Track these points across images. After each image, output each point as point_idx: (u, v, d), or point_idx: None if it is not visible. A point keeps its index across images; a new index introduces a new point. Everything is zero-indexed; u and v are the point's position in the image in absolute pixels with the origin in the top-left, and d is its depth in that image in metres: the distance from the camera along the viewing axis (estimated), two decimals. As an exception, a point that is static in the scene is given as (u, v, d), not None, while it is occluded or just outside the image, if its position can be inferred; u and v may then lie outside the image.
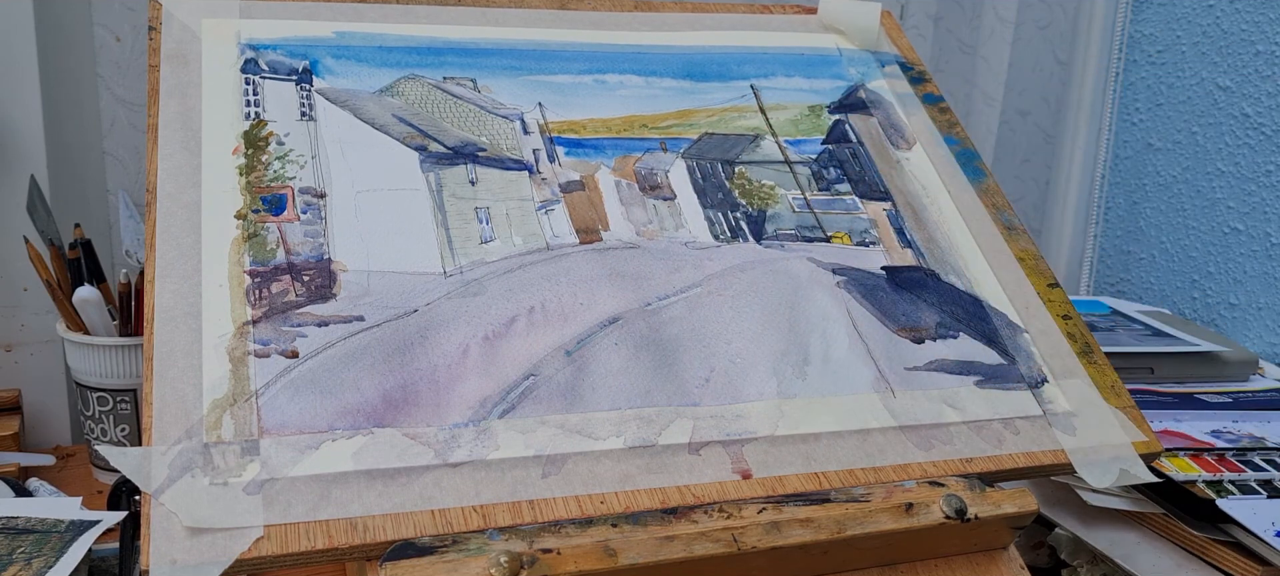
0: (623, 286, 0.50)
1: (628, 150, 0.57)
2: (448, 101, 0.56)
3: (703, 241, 0.54)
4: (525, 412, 0.44)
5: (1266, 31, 0.92)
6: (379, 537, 0.39)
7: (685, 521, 0.42)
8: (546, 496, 0.41)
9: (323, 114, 0.53)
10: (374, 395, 0.43)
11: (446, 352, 0.45)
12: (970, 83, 1.10)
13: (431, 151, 0.53)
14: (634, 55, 0.63)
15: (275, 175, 0.50)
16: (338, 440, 0.41)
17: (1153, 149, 1.05)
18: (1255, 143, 0.94)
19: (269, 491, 0.39)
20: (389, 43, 0.58)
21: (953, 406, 0.49)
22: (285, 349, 0.43)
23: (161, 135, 0.50)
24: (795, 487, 0.44)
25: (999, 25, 1.07)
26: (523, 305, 0.48)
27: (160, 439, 0.40)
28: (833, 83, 0.65)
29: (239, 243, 0.47)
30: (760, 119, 0.61)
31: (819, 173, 0.59)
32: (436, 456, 0.41)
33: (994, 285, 0.56)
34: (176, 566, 0.36)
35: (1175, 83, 1.02)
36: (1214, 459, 0.64)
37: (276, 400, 0.42)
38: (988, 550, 0.48)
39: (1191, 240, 1.00)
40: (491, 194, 0.52)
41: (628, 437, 0.44)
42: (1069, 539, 0.64)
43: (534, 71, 0.59)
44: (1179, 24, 1.01)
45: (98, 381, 0.72)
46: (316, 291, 0.46)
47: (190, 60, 0.54)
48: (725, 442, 0.45)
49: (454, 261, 0.49)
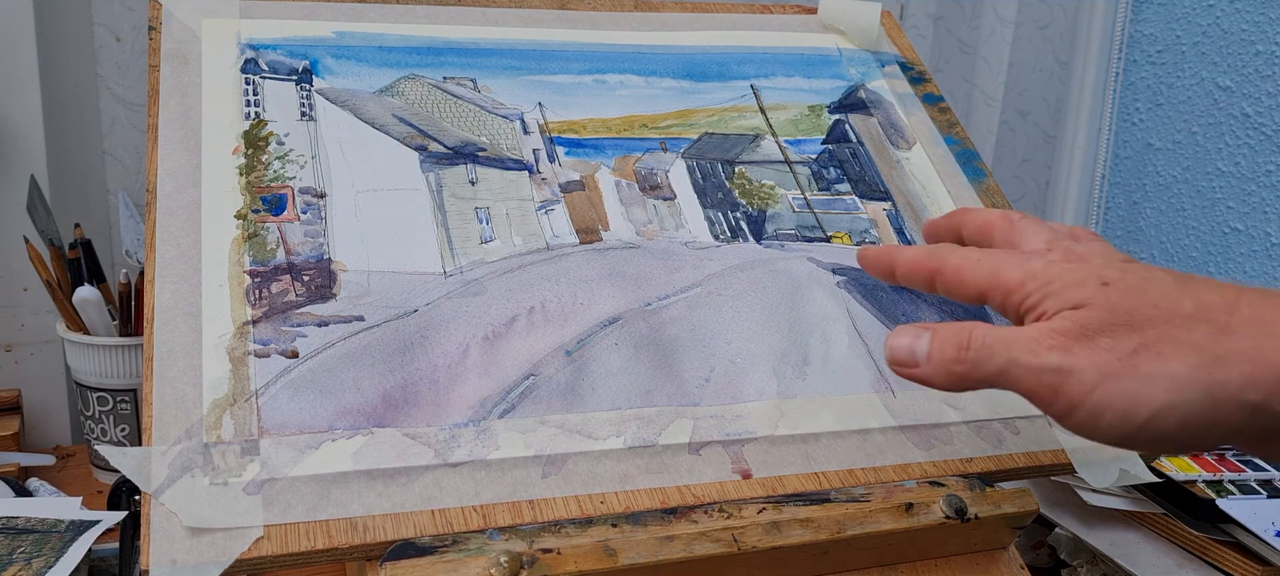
0: (623, 286, 0.50)
1: (628, 150, 0.57)
2: (448, 101, 0.56)
3: (703, 241, 0.54)
4: (525, 412, 0.44)
5: (1266, 31, 0.92)
6: (379, 537, 0.39)
7: (685, 521, 0.42)
8: (546, 496, 0.41)
9: (323, 114, 0.53)
10: (374, 395, 0.43)
11: (446, 352, 0.45)
12: (970, 83, 1.10)
13: (431, 151, 0.53)
14: (634, 55, 0.63)
15: (275, 175, 0.50)
16: (338, 440, 0.41)
17: (1153, 149, 1.05)
18: (1255, 143, 0.94)
19: (269, 491, 0.39)
20: (389, 43, 0.58)
21: (953, 406, 0.49)
22: (285, 349, 0.43)
23: (161, 135, 0.50)
24: (795, 487, 0.44)
25: (999, 25, 1.07)
26: (523, 305, 0.48)
27: (160, 439, 0.40)
28: (833, 82, 0.65)
29: (239, 243, 0.47)
30: (760, 119, 0.61)
31: (819, 172, 0.59)
32: (436, 456, 0.41)
33: (994, 285, 0.56)
34: (176, 566, 0.36)
35: (1175, 83, 1.02)
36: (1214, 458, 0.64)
37: (276, 400, 0.42)
38: (988, 550, 0.48)
39: (1191, 240, 1.00)
40: (491, 194, 0.52)
41: (628, 437, 0.44)
42: (1069, 539, 0.64)
43: (534, 71, 0.59)
44: (1179, 24, 1.01)
45: (98, 381, 0.72)
46: (316, 291, 0.46)
47: (190, 60, 0.54)
48: (725, 442, 0.45)
49: (454, 261, 0.49)
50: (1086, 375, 0.34)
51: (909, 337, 0.39)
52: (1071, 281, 0.36)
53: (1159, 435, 0.34)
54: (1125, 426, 0.34)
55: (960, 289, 0.39)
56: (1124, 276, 0.35)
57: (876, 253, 0.44)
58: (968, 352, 0.37)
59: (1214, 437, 0.34)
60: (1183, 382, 0.33)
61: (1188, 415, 0.33)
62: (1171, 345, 0.33)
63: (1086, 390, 0.34)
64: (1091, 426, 0.35)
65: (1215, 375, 0.33)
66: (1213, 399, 0.33)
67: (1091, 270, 0.36)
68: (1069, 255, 0.38)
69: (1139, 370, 0.33)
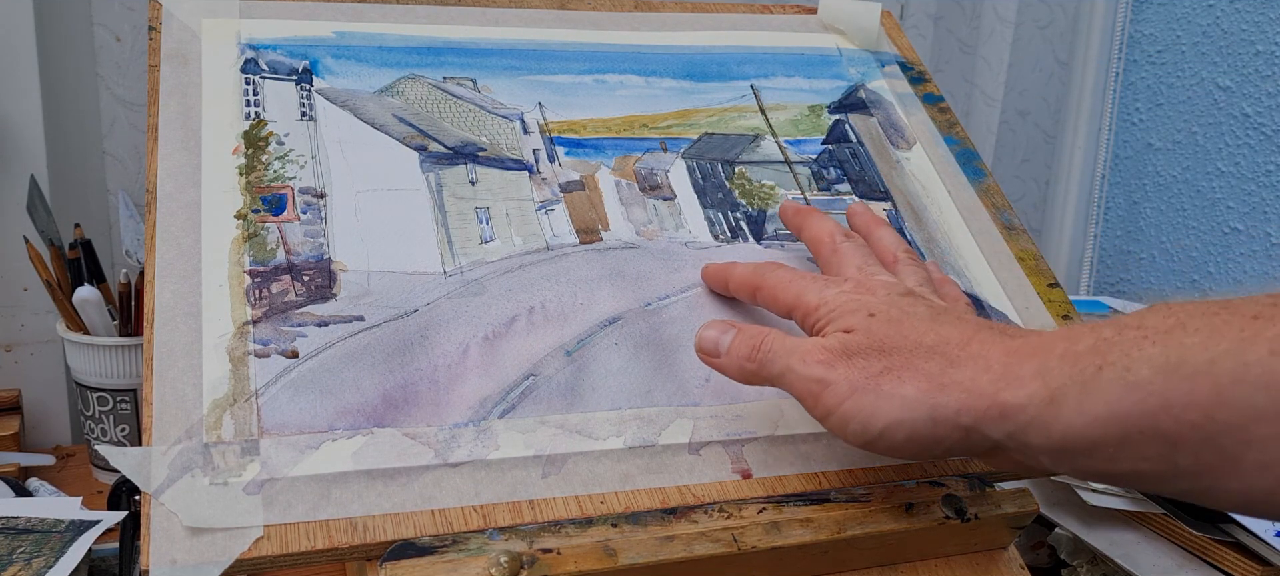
0: (623, 286, 0.50)
1: (628, 150, 0.57)
2: (448, 101, 0.56)
3: (703, 241, 0.54)
4: (525, 412, 0.44)
5: (1266, 31, 0.92)
6: (379, 537, 0.39)
7: (685, 521, 0.42)
8: (546, 496, 0.41)
9: (323, 114, 0.53)
10: (374, 395, 0.43)
11: (446, 352, 0.45)
12: (970, 83, 1.11)
13: (431, 151, 0.53)
14: (634, 55, 0.63)
15: (275, 175, 0.50)
16: (338, 440, 0.41)
17: (1153, 149, 1.05)
18: (1255, 143, 0.94)
19: (269, 491, 0.39)
20: (389, 43, 0.58)
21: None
22: (285, 349, 0.43)
23: (161, 135, 0.50)
24: (795, 487, 0.44)
25: (999, 25, 1.07)
26: (523, 305, 0.48)
27: (160, 439, 0.40)
28: (833, 83, 0.65)
29: (239, 243, 0.47)
30: (760, 119, 0.61)
31: (819, 173, 0.60)
32: (436, 456, 0.41)
33: (994, 285, 0.56)
34: (176, 566, 0.36)
35: (1175, 83, 1.02)
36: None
37: (276, 400, 0.42)
38: (988, 550, 0.48)
39: (1191, 240, 1.00)
40: (491, 194, 0.52)
41: (628, 437, 0.44)
42: (1069, 539, 0.64)
43: (534, 71, 0.59)
44: (1179, 24, 1.01)
45: (98, 381, 0.72)
46: (316, 291, 0.46)
47: (190, 60, 0.54)
48: (725, 442, 0.45)
49: (454, 261, 0.49)
50: (840, 387, 0.40)
51: (717, 332, 0.44)
52: (849, 309, 0.42)
53: (891, 445, 0.39)
54: (865, 434, 0.39)
55: (774, 305, 0.46)
56: (889, 310, 0.41)
57: (715, 268, 0.50)
58: (758, 354, 0.42)
59: (938, 451, 0.39)
60: (911, 403, 0.38)
61: (913, 431, 0.38)
62: (909, 371, 0.39)
63: (838, 400, 0.40)
64: (842, 430, 0.40)
65: (938, 399, 0.38)
66: (934, 419, 0.38)
67: (870, 302, 0.42)
68: (860, 287, 0.43)
69: (880, 388, 0.39)
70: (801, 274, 0.45)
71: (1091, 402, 0.34)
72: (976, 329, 0.40)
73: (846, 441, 0.41)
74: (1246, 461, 0.32)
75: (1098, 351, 0.35)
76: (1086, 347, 0.35)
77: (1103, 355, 0.35)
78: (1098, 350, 0.35)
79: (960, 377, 0.38)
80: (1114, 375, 0.34)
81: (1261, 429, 0.31)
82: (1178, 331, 0.33)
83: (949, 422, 0.38)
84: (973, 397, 0.37)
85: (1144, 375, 0.33)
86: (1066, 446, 0.35)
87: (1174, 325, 0.34)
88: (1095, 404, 0.34)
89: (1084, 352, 0.35)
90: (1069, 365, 0.35)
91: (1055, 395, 0.35)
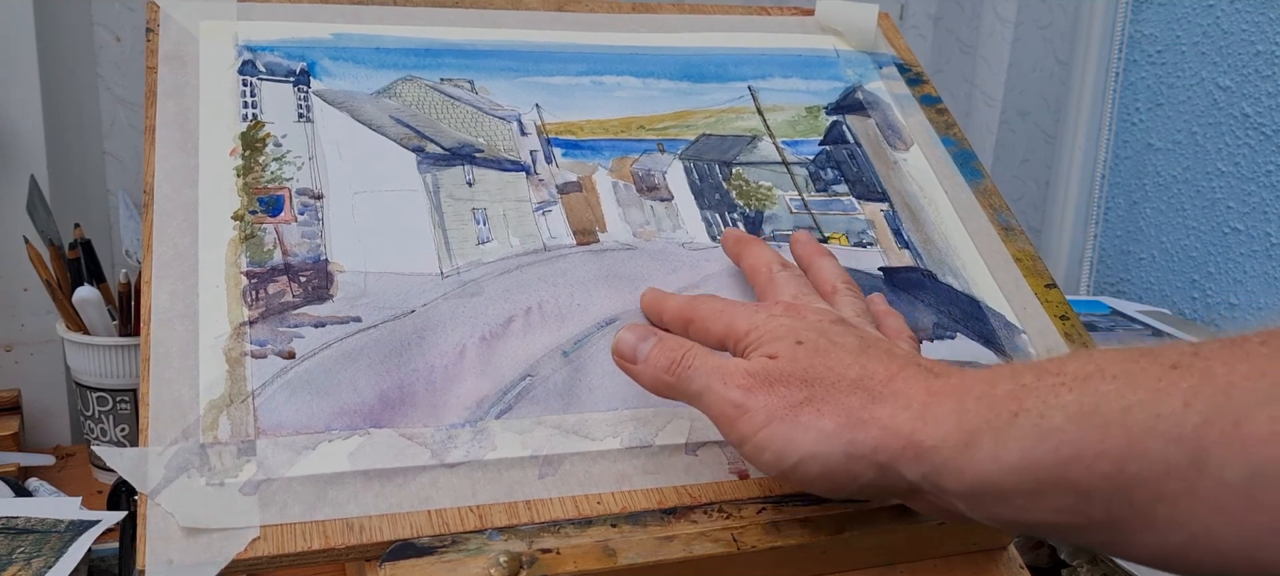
0: (620, 287, 0.50)
1: (625, 151, 0.57)
2: (445, 103, 0.56)
3: (700, 242, 0.54)
4: (522, 413, 0.44)
5: (1266, 31, 0.92)
6: (375, 538, 0.39)
7: (685, 521, 0.42)
8: (543, 496, 0.42)
9: (320, 115, 0.53)
10: (371, 395, 0.43)
11: (443, 353, 0.45)
12: (970, 83, 1.10)
13: (429, 152, 0.53)
14: (631, 56, 0.63)
15: (272, 176, 0.50)
16: (334, 440, 0.41)
17: (1153, 149, 1.05)
18: (1255, 143, 0.93)
19: (265, 492, 0.39)
20: (386, 44, 0.58)
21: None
22: (282, 349, 0.43)
23: (159, 136, 0.50)
24: (793, 487, 0.44)
25: (999, 25, 1.07)
26: (520, 306, 0.48)
27: (157, 439, 0.40)
28: (830, 84, 0.65)
29: (236, 244, 0.47)
30: (757, 120, 0.61)
31: (816, 174, 0.60)
32: (433, 457, 0.41)
33: (991, 286, 0.56)
34: (173, 566, 0.36)
35: (1175, 83, 1.02)
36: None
37: (273, 401, 0.42)
38: (988, 550, 0.48)
39: (1191, 240, 1.00)
40: (489, 195, 0.52)
41: (625, 438, 0.44)
42: (1067, 539, 0.64)
43: (531, 73, 0.59)
44: (1179, 24, 1.01)
45: (97, 381, 0.73)
46: (313, 292, 0.46)
47: (188, 62, 0.54)
48: (722, 443, 0.45)
49: (451, 262, 0.49)
50: (757, 415, 0.38)
51: (636, 337, 0.43)
52: (777, 334, 0.40)
53: (805, 478, 0.38)
54: (779, 465, 0.38)
55: (706, 337, 0.43)
56: (818, 339, 0.39)
57: (651, 296, 0.48)
58: (677, 368, 0.41)
59: (853, 488, 0.38)
60: (827, 437, 0.37)
61: (828, 466, 0.37)
62: (829, 405, 0.37)
63: (754, 428, 0.38)
64: (756, 459, 0.39)
65: (855, 435, 0.36)
66: (849, 455, 0.37)
67: (799, 328, 0.40)
68: (791, 311, 0.42)
69: (798, 420, 0.37)
70: (733, 303, 0.43)
71: (1005, 449, 0.33)
72: (903, 365, 0.38)
73: (760, 470, 0.40)
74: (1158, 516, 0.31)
75: (1015, 397, 0.34)
76: (1005, 392, 0.34)
77: (1019, 401, 0.33)
78: (1015, 395, 0.34)
79: (879, 414, 0.37)
80: (1029, 421, 0.33)
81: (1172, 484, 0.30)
82: (1095, 378, 0.32)
83: (865, 459, 0.36)
84: (889, 436, 0.36)
85: (1057, 422, 0.32)
86: (979, 492, 0.34)
87: (1093, 371, 0.32)
88: (1009, 450, 0.33)
89: (1002, 397, 0.34)
90: (985, 408, 0.34)
91: (969, 439, 0.34)
